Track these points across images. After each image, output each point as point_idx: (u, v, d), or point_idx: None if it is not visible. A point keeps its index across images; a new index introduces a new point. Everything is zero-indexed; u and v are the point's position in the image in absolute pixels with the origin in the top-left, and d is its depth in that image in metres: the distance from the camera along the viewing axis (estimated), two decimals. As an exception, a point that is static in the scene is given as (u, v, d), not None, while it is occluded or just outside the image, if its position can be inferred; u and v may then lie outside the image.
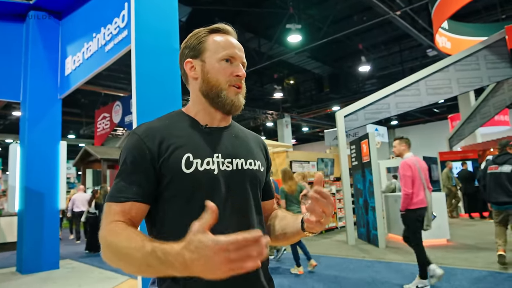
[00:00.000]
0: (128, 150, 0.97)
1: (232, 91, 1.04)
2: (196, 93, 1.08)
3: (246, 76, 1.09)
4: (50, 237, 6.36)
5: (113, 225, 0.88)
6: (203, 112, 1.07)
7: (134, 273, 0.85)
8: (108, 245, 0.85)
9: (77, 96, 15.97)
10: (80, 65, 5.88)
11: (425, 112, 21.87)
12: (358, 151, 7.91)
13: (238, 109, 1.06)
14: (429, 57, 13.82)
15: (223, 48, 1.04)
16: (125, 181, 0.94)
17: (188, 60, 1.07)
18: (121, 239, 0.83)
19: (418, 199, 4.33)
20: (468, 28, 11.02)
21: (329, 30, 11.30)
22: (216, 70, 1.03)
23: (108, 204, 0.93)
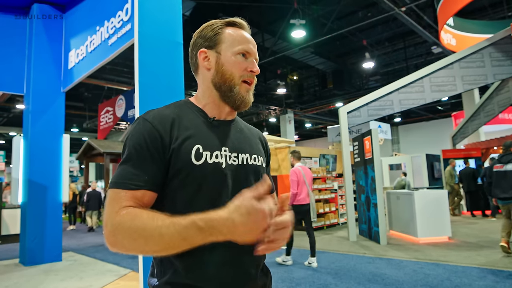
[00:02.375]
0: (138, 135, 0.93)
1: (244, 88, 1.04)
2: (207, 84, 1.06)
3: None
4: (52, 230, 6.40)
5: (128, 210, 0.85)
6: (212, 104, 1.06)
7: (157, 251, 0.82)
8: (126, 229, 0.82)
9: (81, 89, 16.01)
10: (83, 58, 5.88)
11: (429, 110, 21.79)
12: (361, 147, 7.89)
13: (247, 106, 1.06)
14: (434, 54, 13.76)
15: (239, 42, 1.04)
16: (135, 168, 0.90)
17: (203, 49, 1.06)
18: (143, 220, 0.82)
19: (301, 197, 5.60)
20: (474, 25, 10.93)
21: (333, 26, 11.25)
22: (232, 63, 1.03)
23: (115, 190, 0.88)
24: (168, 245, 0.80)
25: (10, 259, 6.80)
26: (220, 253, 0.92)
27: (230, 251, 0.93)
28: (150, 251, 0.82)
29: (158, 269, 0.97)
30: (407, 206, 7.41)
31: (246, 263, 0.97)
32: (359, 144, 8.07)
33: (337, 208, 10.10)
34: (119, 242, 0.83)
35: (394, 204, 8.11)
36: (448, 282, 4.46)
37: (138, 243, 0.81)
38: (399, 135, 26.38)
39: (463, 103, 14.37)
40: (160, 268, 0.97)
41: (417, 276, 4.82)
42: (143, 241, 0.80)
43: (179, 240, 0.79)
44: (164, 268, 0.95)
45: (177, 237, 0.79)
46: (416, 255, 6.07)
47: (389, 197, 8.35)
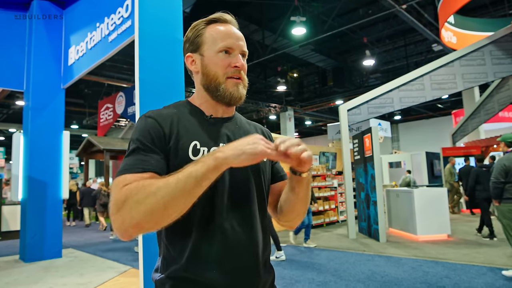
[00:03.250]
0: (143, 130, 0.96)
1: (230, 83, 1.03)
2: (198, 86, 1.09)
3: (249, 69, 1.08)
4: (52, 226, 6.41)
5: (135, 183, 0.84)
6: (207, 104, 1.08)
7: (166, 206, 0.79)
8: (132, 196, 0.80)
9: (81, 86, 15.98)
10: (83, 55, 5.87)
11: (429, 108, 21.79)
12: (361, 145, 7.89)
13: (238, 100, 1.05)
14: (434, 52, 13.74)
15: (220, 40, 1.03)
16: (141, 156, 0.91)
17: (189, 54, 1.08)
18: (146, 182, 0.82)
19: None
20: (474, 23, 10.91)
21: (334, 23, 11.22)
22: (214, 62, 1.03)
23: (121, 176, 0.87)
24: (177, 189, 0.79)
25: (10, 256, 6.81)
26: (221, 248, 0.94)
27: (231, 246, 0.95)
28: (161, 207, 0.79)
29: (161, 264, 0.99)
30: (406, 204, 7.42)
31: (248, 258, 0.98)
32: (359, 142, 8.07)
33: (337, 206, 10.12)
34: (129, 215, 0.80)
35: (393, 201, 8.12)
36: (447, 280, 4.47)
37: (147, 202, 0.79)
38: (399, 133, 26.38)
39: (463, 101, 14.37)
40: (163, 263, 0.99)
41: (416, 273, 4.83)
42: (152, 197, 0.79)
43: (185, 178, 0.79)
44: (167, 263, 0.97)
45: (182, 176, 0.80)
46: (415, 252, 6.08)
47: (388, 194, 8.36)
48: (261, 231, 1.04)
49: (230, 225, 0.96)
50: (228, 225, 0.96)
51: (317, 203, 8.71)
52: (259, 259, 1.01)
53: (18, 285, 4.73)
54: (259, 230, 1.02)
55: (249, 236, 0.99)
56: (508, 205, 4.58)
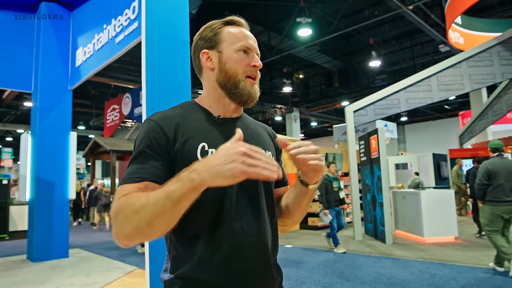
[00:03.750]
0: (144, 135, 0.97)
1: (248, 83, 1.05)
2: (212, 84, 1.08)
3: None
4: (59, 226, 6.46)
5: (127, 196, 0.85)
6: (217, 104, 1.08)
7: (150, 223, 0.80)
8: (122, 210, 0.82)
9: (87, 87, 16.10)
10: (90, 56, 5.91)
11: (436, 109, 21.63)
12: (367, 146, 7.86)
13: (254, 100, 1.07)
14: (441, 53, 13.64)
15: (239, 39, 1.06)
16: (140, 164, 0.93)
17: (205, 51, 1.08)
18: (136, 196, 0.83)
19: None
20: (482, 24, 10.82)
21: (340, 24, 11.19)
22: (234, 60, 1.04)
23: (120, 186, 0.90)
24: (157, 209, 0.78)
25: (18, 255, 6.87)
26: (231, 249, 0.94)
27: (240, 247, 0.95)
28: (144, 225, 0.80)
29: (170, 265, 1.00)
30: (413, 205, 7.37)
31: (257, 259, 0.98)
32: (365, 143, 8.04)
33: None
34: (120, 229, 0.83)
35: (400, 203, 8.07)
36: (454, 282, 4.43)
37: (133, 220, 0.80)
38: (406, 134, 26.23)
39: (471, 102, 14.25)
40: (172, 263, 0.99)
41: (423, 276, 4.80)
42: (136, 215, 0.80)
43: (163, 199, 0.78)
44: (176, 264, 0.97)
45: (162, 195, 0.78)
46: (422, 254, 6.04)
47: (395, 196, 8.31)
48: (270, 232, 1.04)
49: (239, 226, 0.96)
50: (237, 226, 0.96)
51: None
52: (269, 260, 1.01)
53: (25, 285, 4.77)
54: (268, 231, 1.03)
55: (259, 238, 0.99)
56: (490, 207, 4.83)
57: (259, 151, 0.79)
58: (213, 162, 0.77)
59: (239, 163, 0.75)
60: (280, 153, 1.23)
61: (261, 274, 0.98)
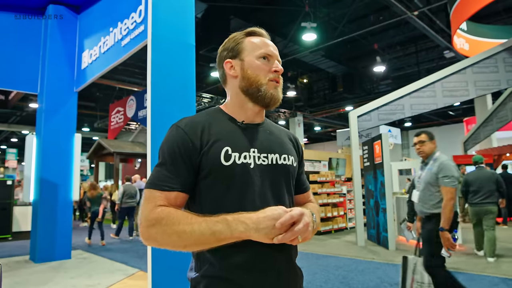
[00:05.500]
0: (171, 142, 1.03)
1: (271, 85, 1.11)
2: (235, 90, 1.14)
3: None
4: (63, 228, 6.48)
5: (162, 208, 0.94)
6: (240, 110, 1.13)
7: (188, 246, 0.92)
8: (162, 225, 0.92)
9: (92, 89, 16.18)
10: (96, 59, 5.96)
11: (440, 115, 21.55)
12: (371, 152, 7.84)
13: (277, 102, 1.12)
14: (446, 59, 13.59)
15: (259, 47, 1.12)
16: (169, 171, 0.99)
17: (228, 60, 1.15)
18: (178, 217, 0.92)
19: None
20: (487, 30, 10.79)
21: (345, 29, 11.20)
22: (255, 66, 1.10)
23: (150, 190, 0.98)
24: (199, 240, 0.90)
25: (21, 256, 6.90)
26: (254, 250, 0.98)
27: (264, 248, 0.98)
28: (181, 245, 0.92)
29: (196, 264, 1.05)
30: (416, 211, 7.32)
31: (280, 261, 1.02)
32: (369, 148, 8.03)
33: (345, 212, 10.04)
34: (152, 236, 0.93)
35: (403, 209, 8.03)
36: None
37: (172, 238, 0.91)
38: (409, 140, 26.11)
39: (475, 108, 14.19)
40: (197, 263, 1.04)
41: (426, 282, 4.76)
42: (176, 237, 0.91)
43: (209, 235, 0.89)
44: (201, 263, 1.02)
45: (207, 231, 0.89)
46: (425, 261, 6.00)
47: (398, 202, 8.27)
48: None
49: None
50: None
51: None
52: (292, 260, 1.07)
53: (28, 285, 4.78)
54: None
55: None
56: (471, 207, 6.28)
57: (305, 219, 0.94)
58: (263, 223, 0.90)
59: (284, 232, 0.91)
60: (302, 158, 1.27)
61: (284, 273, 1.03)
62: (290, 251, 1.05)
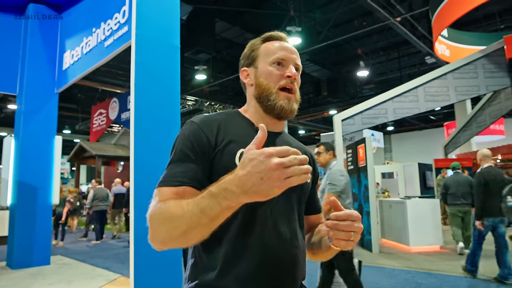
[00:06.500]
0: (186, 137, 0.98)
1: (281, 95, 1.04)
2: (250, 97, 1.11)
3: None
4: (41, 232, 6.29)
5: (161, 202, 0.87)
6: (257, 116, 1.09)
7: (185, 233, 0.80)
8: (156, 216, 0.84)
9: (74, 91, 15.89)
10: (78, 59, 5.83)
11: (421, 119, 21.97)
12: (355, 155, 7.91)
13: (288, 114, 1.05)
14: (427, 64, 13.89)
15: (274, 52, 1.07)
16: (181, 167, 0.93)
17: (244, 69, 1.13)
18: (170, 203, 0.84)
19: None
20: (468, 37, 11.07)
21: (329, 33, 11.32)
22: (267, 73, 1.06)
23: (158, 188, 0.91)
24: (192, 221, 0.78)
25: (-3, 262, 6.67)
26: (258, 263, 0.92)
27: (269, 262, 0.93)
28: (178, 234, 0.81)
29: (191, 272, 0.98)
30: (399, 214, 7.43)
31: (285, 278, 0.96)
32: (352, 152, 8.10)
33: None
34: (155, 233, 0.85)
35: (386, 212, 8.12)
36: (440, 292, 4.46)
37: (165, 226, 0.82)
38: (392, 143, 26.55)
39: (456, 113, 14.52)
40: (193, 270, 0.98)
41: (409, 285, 4.81)
42: (169, 223, 0.81)
43: (199, 213, 0.77)
44: (196, 271, 0.96)
45: (196, 210, 0.78)
46: (408, 264, 6.07)
47: (381, 205, 8.37)
48: (302, 250, 1.02)
49: (270, 240, 0.94)
50: (268, 240, 0.94)
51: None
52: (297, 280, 1.00)
53: (5, 293, 4.62)
54: (300, 249, 1.01)
55: (289, 254, 0.97)
56: (449, 208, 6.98)
57: (289, 152, 0.72)
58: (247, 182, 0.72)
59: (276, 179, 0.70)
60: (317, 177, 1.22)
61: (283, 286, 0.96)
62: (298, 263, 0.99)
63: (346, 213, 0.87)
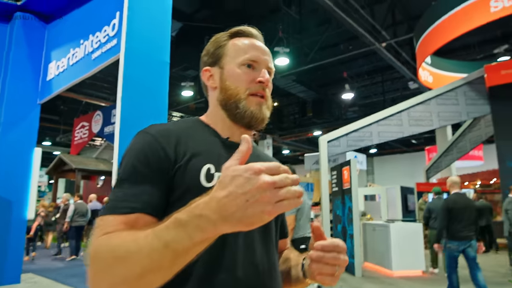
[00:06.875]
0: (138, 150, 0.79)
1: (252, 101, 0.90)
2: (214, 103, 0.95)
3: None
4: (14, 249, 5.99)
5: (106, 235, 0.68)
6: (222, 124, 0.94)
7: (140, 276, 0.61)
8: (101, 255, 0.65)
9: (57, 102, 15.60)
10: (64, 71, 5.72)
11: (403, 143, 22.38)
12: (339, 177, 7.93)
13: (260, 122, 0.91)
14: (410, 90, 14.24)
15: (244, 52, 0.92)
16: (132, 189, 0.75)
17: (206, 68, 0.96)
18: (121, 237, 0.65)
19: None
20: (449, 64, 11.45)
21: (316, 56, 11.52)
22: (235, 76, 0.91)
23: (102, 217, 0.72)
24: (152, 260, 0.60)
25: (-36, 279, 6.31)
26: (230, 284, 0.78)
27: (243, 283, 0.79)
28: (131, 277, 0.61)
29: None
30: (382, 238, 7.42)
31: None
32: (337, 174, 8.11)
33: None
34: (97, 277, 0.66)
35: (369, 235, 8.11)
36: (424, 318, 4.42)
37: (113, 268, 0.62)
38: (374, 166, 26.87)
39: (436, 138, 14.85)
40: None
41: (393, 310, 4.76)
42: (119, 263, 0.62)
43: (162, 248, 0.59)
44: None
45: (157, 244, 0.60)
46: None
47: (365, 228, 8.36)
48: (279, 282, 0.89)
49: (244, 273, 0.80)
50: (241, 274, 0.79)
51: None
52: None
53: (-30, 313, 4.34)
54: (278, 281, 0.88)
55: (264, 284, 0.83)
56: (432, 231, 7.05)
57: (279, 170, 0.58)
58: (229, 206, 0.56)
59: (266, 203, 0.55)
60: None
61: None
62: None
63: (333, 243, 0.76)
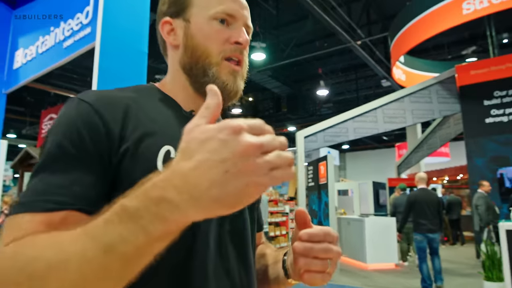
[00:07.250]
0: (67, 126, 0.58)
1: (225, 68, 0.70)
2: (175, 66, 0.75)
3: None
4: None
5: (17, 243, 0.48)
6: (184, 94, 0.74)
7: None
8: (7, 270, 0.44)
9: (23, 93, 14.89)
10: (32, 59, 5.42)
11: (375, 139, 22.89)
12: (316, 172, 7.99)
13: (232, 96, 0.72)
14: (383, 87, 14.56)
15: (217, 2, 0.71)
16: (58, 177, 0.54)
17: (167, 19, 0.74)
18: (39, 243, 0.46)
19: None
20: (422, 64, 11.77)
21: (292, 52, 11.55)
22: (205, 33, 0.70)
23: (14, 217, 0.51)
24: (81, 274, 0.42)
25: None
26: None
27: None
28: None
29: None
30: (357, 232, 7.55)
31: None
32: (314, 169, 8.18)
33: (288, 232, 10.08)
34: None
35: (344, 229, 8.24)
36: (399, 310, 4.52)
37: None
38: (346, 161, 27.38)
39: (407, 135, 15.26)
40: None
41: (368, 303, 4.84)
42: (34, 281, 0.42)
43: (100, 256, 0.41)
44: None
45: (94, 249, 0.42)
46: (365, 281, 6.15)
47: (340, 222, 8.48)
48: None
49: (217, 282, 0.63)
50: (213, 283, 0.62)
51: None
52: None
53: None
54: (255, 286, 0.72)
55: None
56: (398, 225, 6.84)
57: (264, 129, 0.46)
58: (200, 180, 0.39)
59: (252, 172, 0.39)
60: None
61: None
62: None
63: (323, 230, 0.60)
